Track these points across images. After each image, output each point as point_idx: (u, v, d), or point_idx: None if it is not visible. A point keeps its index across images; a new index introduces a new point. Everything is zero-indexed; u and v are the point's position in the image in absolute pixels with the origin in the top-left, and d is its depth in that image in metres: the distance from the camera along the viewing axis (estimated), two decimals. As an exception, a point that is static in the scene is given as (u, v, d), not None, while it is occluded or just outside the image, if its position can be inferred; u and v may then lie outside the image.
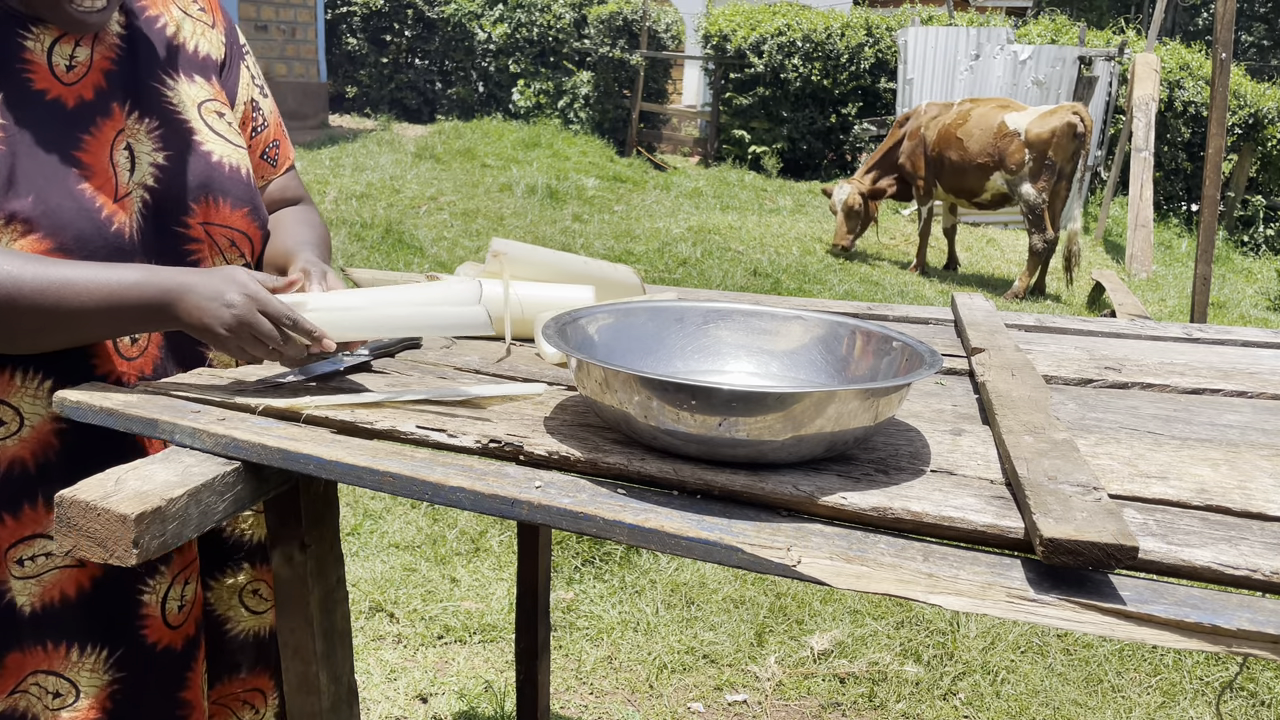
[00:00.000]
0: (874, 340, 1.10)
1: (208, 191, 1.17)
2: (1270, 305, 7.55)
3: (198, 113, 1.19)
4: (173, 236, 1.15)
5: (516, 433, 0.99)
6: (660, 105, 14.49)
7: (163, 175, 1.14)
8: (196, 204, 1.16)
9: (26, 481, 1.08)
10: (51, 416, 1.07)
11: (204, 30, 1.25)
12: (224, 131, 1.21)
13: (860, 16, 12.66)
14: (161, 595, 1.16)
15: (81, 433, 1.08)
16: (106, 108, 1.10)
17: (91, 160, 1.07)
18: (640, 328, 1.15)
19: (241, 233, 1.21)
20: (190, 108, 1.18)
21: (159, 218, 1.14)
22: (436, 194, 8.66)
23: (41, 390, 1.07)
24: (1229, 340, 1.57)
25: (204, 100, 1.20)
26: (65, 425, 1.08)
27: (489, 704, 2.34)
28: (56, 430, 1.08)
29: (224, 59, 1.27)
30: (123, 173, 1.10)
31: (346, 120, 14.32)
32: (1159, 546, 0.79)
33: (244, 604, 1.29)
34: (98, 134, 1.09)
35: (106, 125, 1.10)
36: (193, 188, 1.16)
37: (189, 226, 1.16)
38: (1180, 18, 20.87)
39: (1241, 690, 2.53)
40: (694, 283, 6.60)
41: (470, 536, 3.09)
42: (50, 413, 1.07)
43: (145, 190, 1.13)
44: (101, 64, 1.11)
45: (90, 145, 1.08)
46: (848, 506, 0.85)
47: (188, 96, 1.18)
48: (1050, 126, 6.90)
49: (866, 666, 2.55)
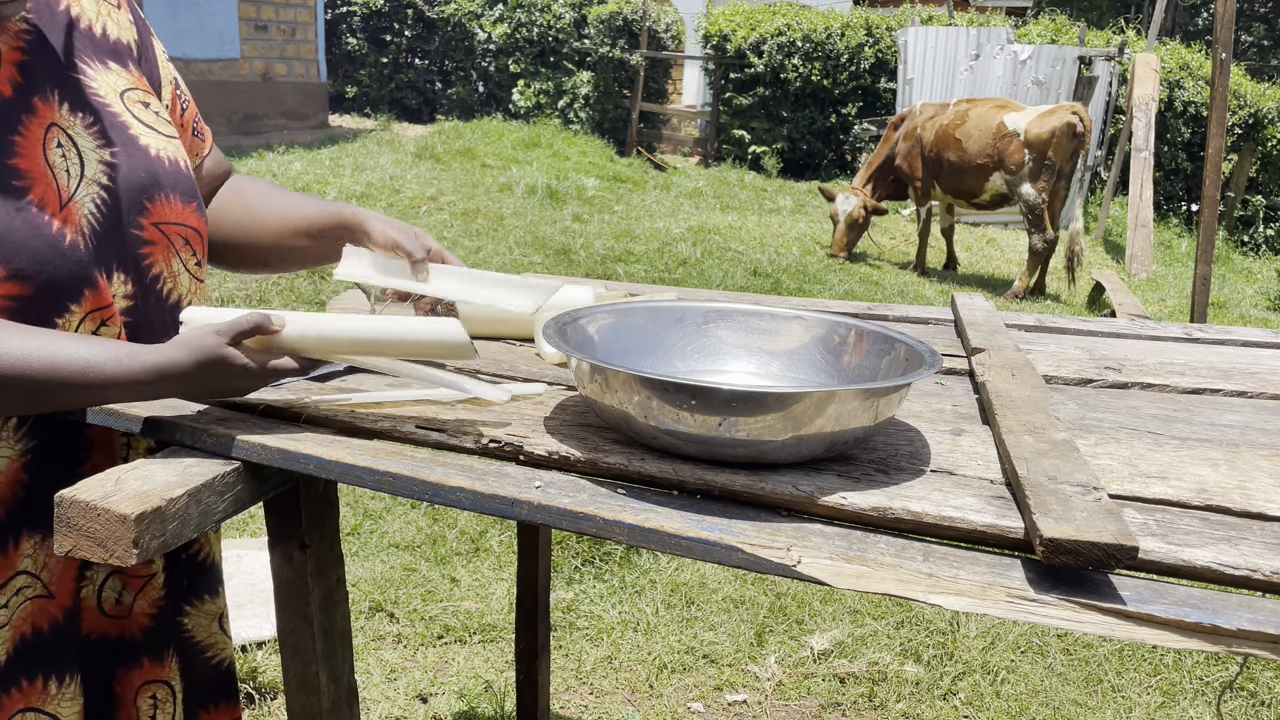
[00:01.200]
0: (874, 340, 1.10)
1: (157, 188, 1.08)
2: (1270, 305, 7.55)
3: (123, 103, 1.09)
4: (127, 240, 1.06)
5: (516, 433, 0.99)
6: (660, 105, 14.49)
7: (114, 173, 1.04)
8: (151, 202, 1.07)
9: (3, 525, 1.02)
10: (18, 454, 1.01)
11: (109, 10, 1.13)
12: (153, 123, 1.12)
13: (860, 16, 12.66)
14: (98, 584, 1.10)
15: (45, 465, 1.03)
16: (29, 104, 0.99)
17: (28, 166, 0.97)
18: (640, 328, 1.15)
19: (193, 229, 1.13)
20: (114, 98, 1.08)
21: (113, 220, 1.04)
22: (436, 194, 8.66)
23: (7, 428, 1.00)
24: (1229, 340, 1.57)
25: (126, 89, 1.11)
26: (31, 460, 1.02)
27: (489, 704, 2.34)
28: (24, 464, 1.02)
29: (137, 41, 1.16)
30: (61, 174, 1.00)
31: (346, 120, 14.33)
32: (1159, 546, 0.79)
33: (223, 629, 1.25)
34: (27, 134, 0.98)
35: (33, 124, 0.99)
36: (145, 185, 1.07)
37: (143, 228, 1.07)
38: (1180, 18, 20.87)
39: (1241, 690, 2.53)
40: (694, 283, 6.60)
41: (470, 536, 3.09)
42: (16, 450, 1.01)
43: (101, 189, 1.03)
44: (11, 55, 0.99)
45: (23, 148, 0.97)
46: (848, 506, 0.85)
47: (109, 86, 1.08)
48: (1049, 126, 6.90)
49: (866, 666, 2.55)
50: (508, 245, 7.12)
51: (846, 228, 7.83)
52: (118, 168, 1.05)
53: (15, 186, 0.96)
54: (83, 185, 1.02)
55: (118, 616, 1.13)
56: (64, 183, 1.00)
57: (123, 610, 1.14)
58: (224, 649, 1.25)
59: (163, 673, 1.19)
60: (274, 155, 9.82)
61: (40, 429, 1.04)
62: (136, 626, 1.16)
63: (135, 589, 1.15)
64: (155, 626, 1.17)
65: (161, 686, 1.19)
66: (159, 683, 1.19)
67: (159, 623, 1.18)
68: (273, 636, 2.49)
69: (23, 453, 1.02)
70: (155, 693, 1.19)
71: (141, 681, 1.17)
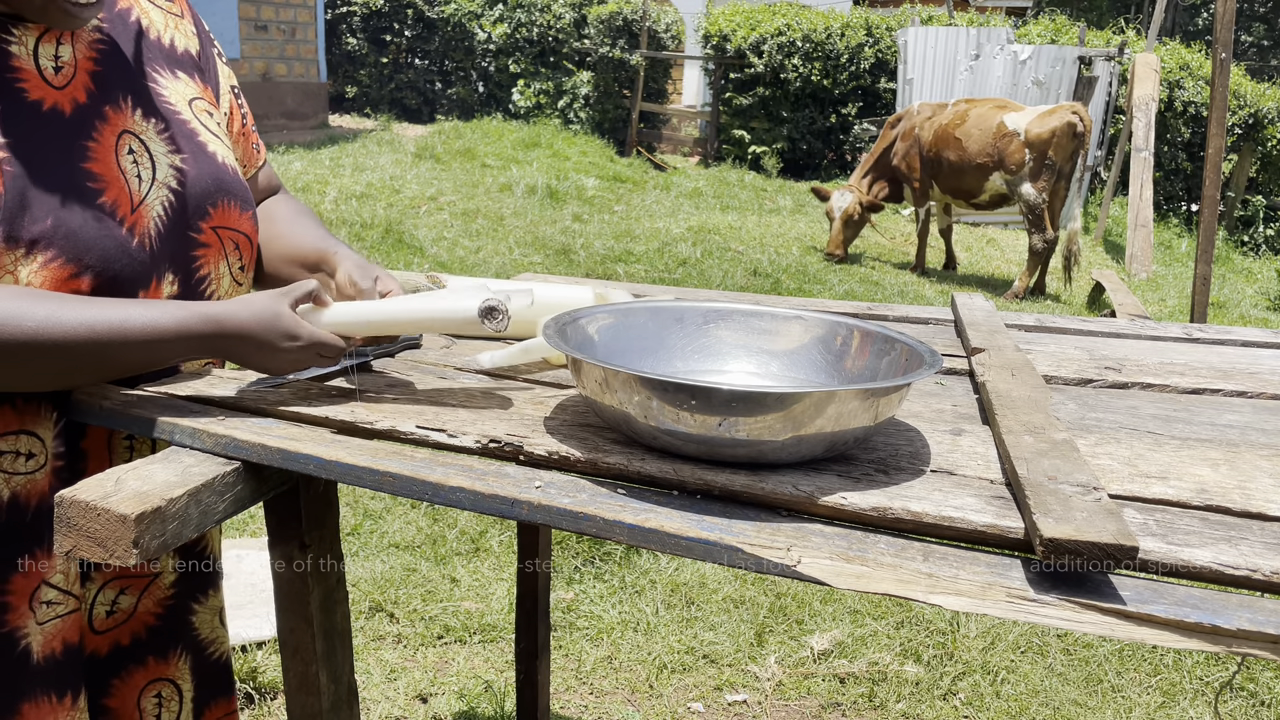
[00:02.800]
0: (874, 340, 1.10)
1: (222, 194, 1.13)
2: (1270, 305, 7.55)
3: (192, 111, 1.14)
4: (185, 242, 1.11)
5: (516, 433, 0.99)
6: (660, 105, 14.49)
7: (183, 178, 1.09)
8: (214, 208, 1.12)
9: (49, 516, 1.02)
10: (54, 452, 1.04)
11: (176, 23, 1.18)
12: (217, 131, 1.17)
13: (860, 16, 12.66)
14: (90, 600, 1.11)
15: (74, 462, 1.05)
16: (101, 110, 1.04)
17: (102, 170, 1.02)
18: (640, 328, 1.15)
19: (245, 236, 1.18)
20: (184, 105, 1.13)
21: (180, 223, 1.09)
22: (436, 194, 8.66)
23: (49, 421, 1.03)
24: (1229, 340, 1.57)
25: (193, 98, 1.15)
26: (60, 460, 1.04)
27: (489, 704, 2.34)
28: (55, 468, 1.04)
29: (199, 51, 1.20)
30: (133, 179, 1.05)
31: (346, 120, 14.32)
32: (1159, 546, 0.79)
33: (222, 623, 1.26)
34: (101, 140, 1.03)
35: (106, 130, 1.04)
36: (210, 191, 1.12)
37: (202, 231, 1.12)
38: (1180, 18, 20.86)
39: (1241, 690, 2.53)
40: (694, 283, 6.60)
41: (470, 536, 3.09)
42: (53, 446, 1.03)
43: (170, 193, 1.08)
44: (86, 64, 1.04)
45: (97, 153, 1.02)
46: (848, 506, 0.85)
47: (179, 94, 1.13)
48: (1050, 126, 6.90)
49: (866, 666, 2.55)
50: (507, 245, 7.12)
51: (842, 225, 7.82)
52: (186, 173, 1.10)
53: (90, 189, 1.00)
54: (154, 189, 1.07)
55: (106, 630, 1.13)
56: (135, 187, 1.05)
57: (115, 621, 1.14)
58: (223, 643, 1.27)
59: (168, 670, 1.20)
60: (274, 155, 9.82)
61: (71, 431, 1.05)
62: (141, 626, 1.16)
63: (139, 589, 1.15)
64: (161, 625, 1.18)
65: (166, 685, 1.20)
66: (164, 680, 1.19)
67: (165, 621, 1.18)
68: (273, 636, 2.49)
69: (55, 454, 1.04)
70: (160, 690, 1.19)
71: (145, 681, 1.18)
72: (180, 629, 1.21)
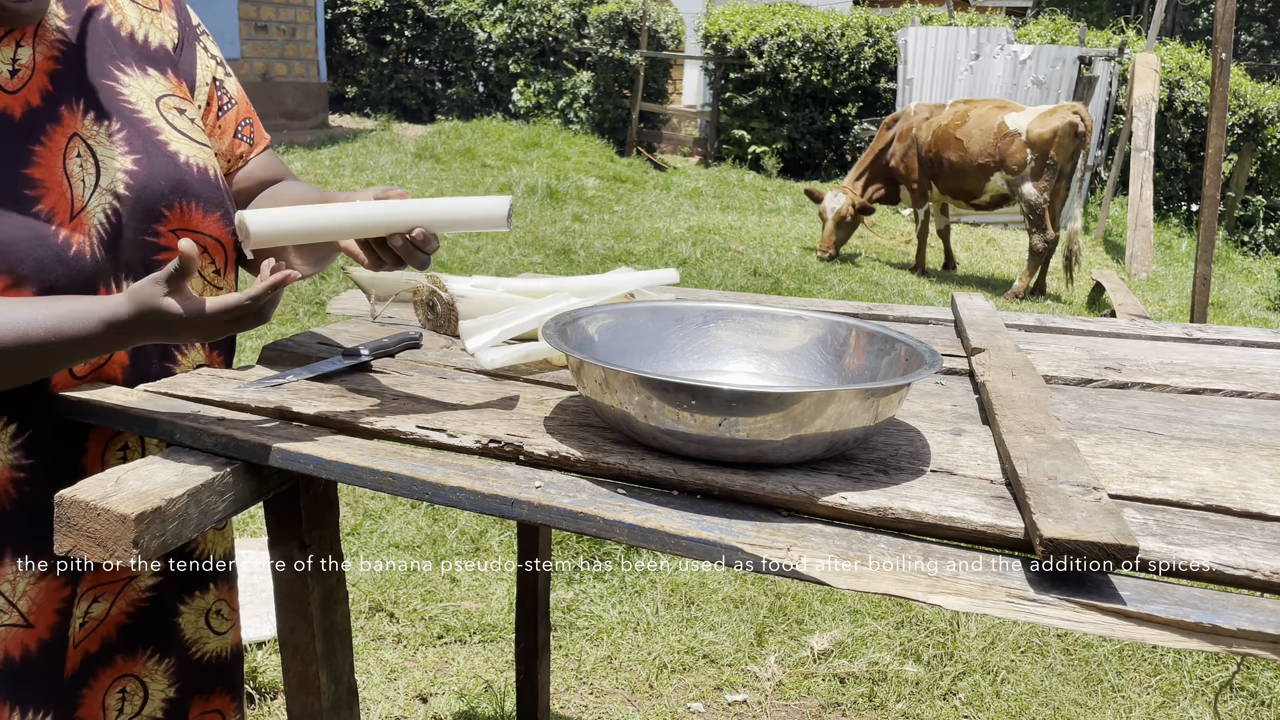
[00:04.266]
0: (874, 340, 1.10)
1: (181, 196, 1.09)
2: (1270, 305, 7.55)
3: (157, 109, 1.10)
4: (144, 247, 1.06)
5: (516, 433, 0.99)
6: (660, 105, 14.49)
7: (133, 181, 1.05)
8: (170, 210, 1.08)
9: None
10: (9, 463, 1.01)
11: (151, 17, 1.14)
12: (187, 130, 1.12)
13: (860, 16, 12.66)
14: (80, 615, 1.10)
15: (37, 473, 1.02)
16: (55, 113, 1.01)
17: (44, 175, 0.99)
18: (640, 328, 1.15)
19: (214, 239, 1.13)
20: (149, 104, 1.09)
21: (129, 227, 1.05)
22: (437, 194, 8.66)
23: (5, 434, 1.01)
24: (1229, 340, 1.57)
25: (162, 95, 1.11)
26: (21, 471, 1.02)
27: (489, 704, 2.34)
28: (13, 479, 1.02)
29: (177, 44, 1.16)
30: (77, 184, 1.01)
31: (346, 120, 14.32)
32: (1159, 546, 0.79)
33: (209, 625, 1.25)
34: (49, 144, 0.99)
35: (57, 133, 1.00)
36: (165, 192, 1.07)
37: (159, 235, 1.08)
38: (1180, 18, 20.86)
39: (1241, 690, 2.53)
40: (694, 283, 6.60)
41: (470, 536, 3.09)
42: (9, 458, 1.01)
43: (114, 198, 1.04)
44: (45, 65, 1.01)
45: (42, 158, 0.99)
46: (848, 506, 0.85)
47: (144, 92, 1.10)
48: (1051, 126, 6.90)
49: (866, 666, 2.55)
50: (508, 245, 7.12)
51: (835, 225, 7.82)
52: (138, 175, 1.06)
53: (27, 196, 0.97)
54: (96, 195, 1.03)
55: (79, 642, 1.12)
56: (78, 192, 1.02)
57: (86, 631, 1.12)
58: (206, 643, 1.25)
59: (134, 668, 1.19)
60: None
61: (35, 442, 1.03)
62: (112, 628, 1.15)
63: (113, 594, 1.14)
64: (132, 625, 1.17)
65: (131, 680, 1.19)
66: (129, 677, 1.19)
67: (137, 621, 1.17)
68: (273, 636, 2.49)
69: (13, 465, 1.01)
70: (125, 686, 1.18)
71: (111, 679, 1.17)
72: (154, 629, 1.19)
